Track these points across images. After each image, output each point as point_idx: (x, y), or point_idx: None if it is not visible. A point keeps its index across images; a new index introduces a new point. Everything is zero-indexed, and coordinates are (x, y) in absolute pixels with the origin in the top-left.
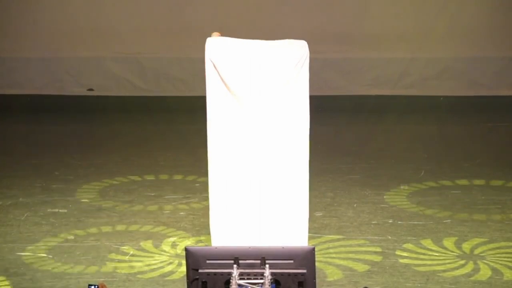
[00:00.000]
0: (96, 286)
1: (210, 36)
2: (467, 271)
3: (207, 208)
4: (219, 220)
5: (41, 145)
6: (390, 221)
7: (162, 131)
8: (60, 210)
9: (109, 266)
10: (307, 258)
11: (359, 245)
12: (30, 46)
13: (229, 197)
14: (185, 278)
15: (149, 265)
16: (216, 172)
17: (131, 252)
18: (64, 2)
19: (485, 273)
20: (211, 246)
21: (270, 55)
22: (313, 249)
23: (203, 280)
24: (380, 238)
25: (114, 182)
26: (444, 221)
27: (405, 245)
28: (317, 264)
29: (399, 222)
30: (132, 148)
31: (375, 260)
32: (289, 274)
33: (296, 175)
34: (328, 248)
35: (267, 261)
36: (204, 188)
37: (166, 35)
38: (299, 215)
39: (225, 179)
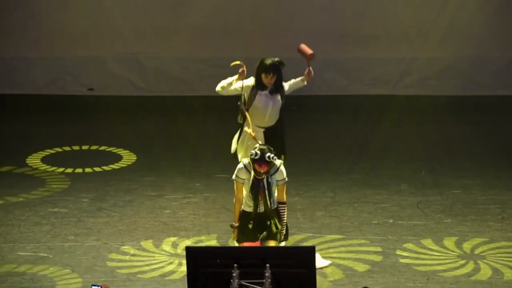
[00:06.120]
0: (100, 287)
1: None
2: (467, 271)
3: (207, 208)
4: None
5: (41, 145)
6: (390, 221)
7: (162, 131)
8: (60, 210)
9: (109, 266)
10: (307, 258)
11: (360, 245)
12: (30, 46)
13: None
14: (186, 278)
15: (149, 264)
16: None
17: (132, 252)
18: (64, 2)
19: (485, 272)
20: (211, 246)
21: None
22: (313, 249)
23: (204, 280)
24: (381, 238)
25: (115, 182)
26: (445, 220)
27: (405, 245)
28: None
29: (399, 222)
30: (132, 148)
31: (376, 260)
32: (289, 274)
33: None
34: (328, 248)
35: (267, 261)
36: (204, 188)
37: (166, 35)
38: None
39: None
